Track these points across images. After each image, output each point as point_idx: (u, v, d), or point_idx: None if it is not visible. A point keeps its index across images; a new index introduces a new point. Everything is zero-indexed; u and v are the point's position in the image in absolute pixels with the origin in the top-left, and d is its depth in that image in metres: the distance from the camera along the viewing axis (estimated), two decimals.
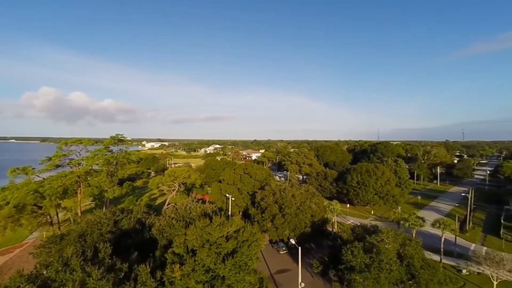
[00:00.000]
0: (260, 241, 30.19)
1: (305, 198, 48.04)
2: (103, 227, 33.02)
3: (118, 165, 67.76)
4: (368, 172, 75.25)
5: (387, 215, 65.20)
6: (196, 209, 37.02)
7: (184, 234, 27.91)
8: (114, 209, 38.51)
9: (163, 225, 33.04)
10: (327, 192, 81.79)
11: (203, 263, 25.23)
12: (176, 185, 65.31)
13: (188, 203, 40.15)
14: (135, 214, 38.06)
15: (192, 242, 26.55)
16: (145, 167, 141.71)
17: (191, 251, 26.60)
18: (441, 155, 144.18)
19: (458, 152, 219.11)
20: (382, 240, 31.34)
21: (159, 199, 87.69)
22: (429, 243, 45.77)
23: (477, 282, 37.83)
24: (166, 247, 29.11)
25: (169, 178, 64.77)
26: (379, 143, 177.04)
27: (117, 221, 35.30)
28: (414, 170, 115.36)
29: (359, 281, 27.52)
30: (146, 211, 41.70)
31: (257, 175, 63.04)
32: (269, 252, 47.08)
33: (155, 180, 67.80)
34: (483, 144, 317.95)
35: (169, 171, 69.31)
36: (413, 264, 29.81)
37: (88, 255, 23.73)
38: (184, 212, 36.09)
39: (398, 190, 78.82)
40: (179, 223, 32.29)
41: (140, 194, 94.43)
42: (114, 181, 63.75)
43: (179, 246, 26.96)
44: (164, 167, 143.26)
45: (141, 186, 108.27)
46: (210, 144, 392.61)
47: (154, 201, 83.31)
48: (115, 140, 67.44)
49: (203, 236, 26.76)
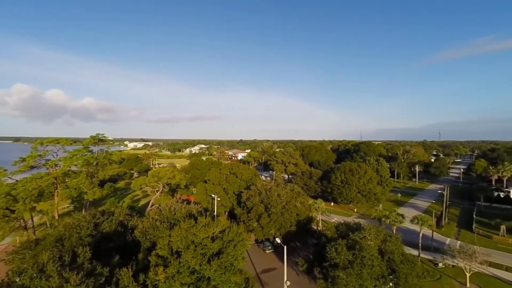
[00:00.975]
0: (246, 241, 30.18)
1: (290, 197, 48.54)
2: (83, 231, 31.72)
3: (99, 166, 65.25)
4: (351, 171, 77.26)
5: (369, 212, 67.23)
6: (180, 210, 36.37)
7: (169, 236, 27.39)
8: (94, 212, 37.07)
9: (147, 227, 32.21)
10: (312, 191, 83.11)
11: (188, 265, 24.88)
12: (160, 186, 63.93)
13: (173, 204, 39.31)
14: (116, 216, 36.83)
15: (177, 243, 26.10)
16: (127, 167, 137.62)
17: (176, 253, 26.15)
18: (419, 154, 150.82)
19: (435, 152, 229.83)
20: (365, 237, 32.29)
21: (142, 200, 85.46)
22: (408, 239, 47.68)
23: (452, 274, 39.89)
24: (149, 250, 28.44)
25: (153, 178, 63.30)
26: (362, 143, 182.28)
27: (98, 224, 34.01)
28: (394, 169, 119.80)
29: (343, 277, 28.18)
30: (129, 213, 40.46)
31: (243, 175, 62.96)
32: (255, 252, 47.18)
33: (138, 181, 66.06)
34: (458, 144, 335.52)
35: (152, 171, 67.74)
36: (394, 259, 30.95)
37: (66, 260, 22.70)
38: (168, 213, 35.35)
39: (380, 188, 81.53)
40: (163, 224, 31.61)
41: (122, 195, 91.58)
42: (94, 182, 61.40)
43: (163, 248, 26.43)
44: (148, 167, 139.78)
45: (123, 188, 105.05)
46: (195, 144, 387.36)
47: (137, 203, 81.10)
48: (95, 140, 64.90)
49: (188, 237, 26.37)
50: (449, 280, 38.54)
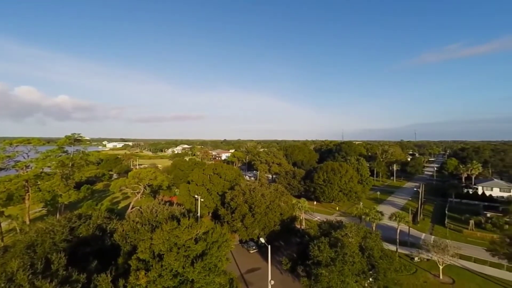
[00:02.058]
0: (230, 242, 30.01)
1: (274, 197, 48.89)
2: (57, 236, 30.05)
3: (75, 167, 62.17)
4: (333, 170, 79.19)
5: (350, 210, 69.22)
6: (163, 211, 35.51)
7: (150, 239, 26.62)
8: (70, 215, 35.27)
9: (127, 230, 31.12)
10: (295, 191, 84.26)
11: (171, 268, 24.33)
12: (141, 187, 62.01)
13: (154, 205, 38.28)
14: (94, 219, 35.28)
15: (159, 246, 25.43)
16: (106, 168, 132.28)
17: (158, 256, 25.47)
18: (397, 154, 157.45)
19: (411, 151, 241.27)
20: (346, 234, 33.19)
21: (122, 202, 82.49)
22: (387, 235, 49.64)
23: (426, 267, 42.03)
24: (130, 253, 27.50)
25: (133, 180, 61.25)
26: (343, 142, 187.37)
27: (74, 228, 32.39)
28: (374, 168, 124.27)
29: (325, 274, 28.79)
30: (107, 216, 38.88)
31: (227, 175, 62.57)
32: (239, 252, 47.05)
33: (117, 183, 63.61)
34: (432, 144, 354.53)
35: (133, 172, 65.56)
36: (373, 255, 32.08)
37: (39, 267, 21.39)
38: (149, 215, 34.38)
39: (360, 187, 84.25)
40: (145, 227, 30.69)
41: (101, 198, 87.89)
42: (69, 184, 58.44)
43: (145, 252, 25.65)
44: (128, 168, 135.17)
45: (101, 190, 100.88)
46: (178, 144, 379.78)
47: (117, 205, 78.18)
48: (70, 140, 61.80)
49: (171, 239, 25.79)
50: (424, 273, 40.57)
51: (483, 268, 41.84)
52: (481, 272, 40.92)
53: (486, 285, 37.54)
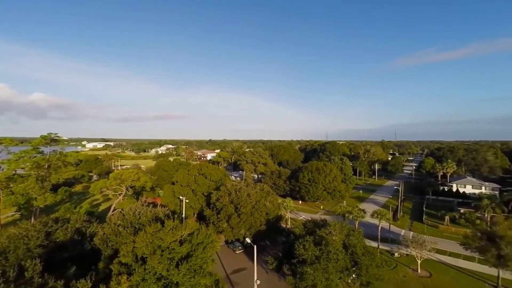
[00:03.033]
0: (215, 243, 29.79)
1: (260, 197, 49.03)
2: (31, 241, 28.50)
3: (51, 169, 59.23)
4: (318, 170, 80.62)
5: (334, 209, 70.78)
6: (146, 213, 34.61)
7: (133, 242, 25.90)
8: (46, 220, 33.58)
9: (108, 233, 30.07)
10: (281, 190, 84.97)
11: (155, 271, 23.79)
12: (123, 188, 60.11)
13: (137, 207, 37.21)
14: (73, 223, 33.81)
15: (142, 249, 24.80)
16: (85, 170, 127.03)
17: (141, 259, 24.83)
18: (378, 154, 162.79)
19: (391, 151, 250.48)
20: (330, 232, 33.91)
21: (103, 205, 79.57)
22: (369, 232, 51.22)
23: (406, 262, 43.80)
24: (111, 258, 26.63)
25: (115, 181, 59.27)
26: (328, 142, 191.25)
27: (50, 233, 30.88)
28: (356, 167, 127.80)
29: (310, 272, 29.28)
30: (87, 219, 37.40)
31: (212, 175, 62.01)
32: (225, 253, 46.79)
33: (98, 184, 61.28)
34: (411, 144, 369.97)
35: (114, 173, 63.44)
36: (356, 252, 33.00)
37: (11, 275, 20.18)
38: (132, 217, 33.40)
39: (344, 185, 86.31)
40: (127, 230, 29.80)
41: (80, 200, 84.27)
42: (45, 187, 55.62)
43: (127, 255, 24.92)
44: (109, 169, 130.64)
45: (80, 192, 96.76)
46: (162, 144, 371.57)
47: (97, 208, 75.29)
48: (46, 140, 58.79)
49: (154, 242, 25.21)
50: (404, 268, 42.27)
51: (457, 261, 44.22)
52: (455, 265, 43.24)
53: (460, 277, 39.70)
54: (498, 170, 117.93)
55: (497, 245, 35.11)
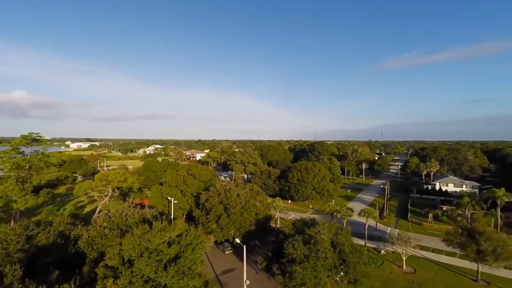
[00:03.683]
0: (204, 244, 29.55)
1: (249, 197, 49.04)
2: (11, 246, 27.36)
3: (32, 170, 56.95)
4: (307, 169, 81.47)
5: (323, 208, 71.74)
6: (133, 215, 33.92)
7: (119, 244, 25.32)
8: (26, 223, 32.34)
9: (93, 236, 29.28)
10: (270, 190, 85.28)
11: (142, 273, 23.35)
12: (109, 190, 58.64)
13: (124, 209, 36.40)
14: (55, 226, 32.70)
15: (129, 251, 24.27)
16: (69, 171, 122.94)
17: (128, 262, 24.31)
18: (365, 153, 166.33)
19: (378, 150, 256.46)
20: (319, 231, 34.34)
21: (88, 206, 77.26)
22: (357, 230, 52.21)
23: (391, 259, 44.97)
24: (96, 261, 25.94)
25: (101, 182, 57.74)
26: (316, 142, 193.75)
27: (31, 237, 29.75)
28: (344, 167, 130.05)
29: (299, 271, 29.56)
30: (71, 222, 36.26)
31: (202, 175, 61.51)
32: (214, 254, 46.50)
33: (82, 186, 59.52)
34: (396, 144, 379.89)
35: (100, 174, 61.80)
36: (344, 250, 33.60)
37: None
38: (119, 219, 32.65)
39: (332, 185, 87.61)
40: (113, 232, 29.11)
41: (63, 202, 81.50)
42: (26, 189, 53.49)
43: (113, 258, 24.34)
44: (95, 170, 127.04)
45: (64, 193, 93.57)
46: (150, 144, 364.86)
47: (82, 210, 73.06)
48: (27, 139, 56.48)
49: (142, 244, 24.74)
50: (390, 264, 43.39)
51: (439, 257, 45.83)
52: (438, 260, 44.80)
53: (442, 272, 41.16)
54: (477, 169, 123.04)
55: (477, 240, 36.68)
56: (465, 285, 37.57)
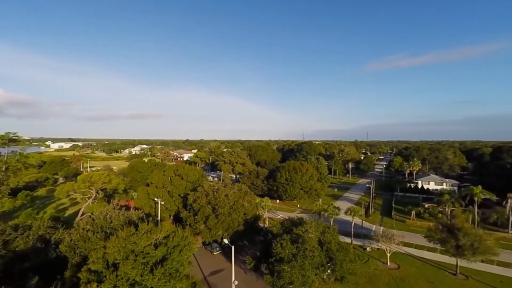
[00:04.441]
0: (192, 245, 29.23)
1: (238, 197, 48.95)
2: None
3: (9, 171, 54.45)
4: (295, 169, 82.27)
5: (311, 207, 72.73)
6: (118, 217, 33.05)
7: (103, 247, 24.61)
8: (3, 227, 30.84)
9: (76, 239, 28.30)
10: (259, 190, 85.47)
11: (127, 277, 22.80)
12: (92, 191, 56.86)
13: (109, 211, 35.38)
14: (35, 230, 31.37)
15: (114, 255, 23.63)
16: (50, 172, 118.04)
17: (112, 266, 23.67)
18: (351, 153, 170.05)
19: (364, 150, 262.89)
20: (307, 230, 34.81)
21: (70, 209, 74.53)
22: (343, 228, 53.30)
23: (376, 256, 46.22)
24: (79, 265, 25.08)
25: (84, 184, 55.89)
26: (304, 142, 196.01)
27: (8, 242, 28.39)
28: (331, 166, 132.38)
29: (287, 270, 29.82)
30: (52, 225, 34.91)
31: (189, 176, 60.79)
32: (202, 255, 46.09)
33: (64, 187, 57.36)
34: (381, 143, 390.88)
35: (83, 175, 59.81)
36: (331, 248, 34.21)
37: None
38: (103, 222, 31.71)
39: (320, 184, 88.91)
40: (97, 235, 28.27)
41: (44, 205, 78.19)
42: (2, 191, 51.10)
43: (97, 262, 23.63)
44: (77, 171, 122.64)
45: (44, 196, 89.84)
46: (135, 144, 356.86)
47: (63, 213, 70.35)
48: (4, 139, 53.94)
49: (127, 246, 24.16)
50: (375, 261, 44.58)
51: (422, 253, 47.57)
52: (420, 256, 46.49)
53: (424, 267, 42.74)
54: (456, 167, 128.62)
55: (456, 236, 38.35)
56: (445, 279, 39.19)
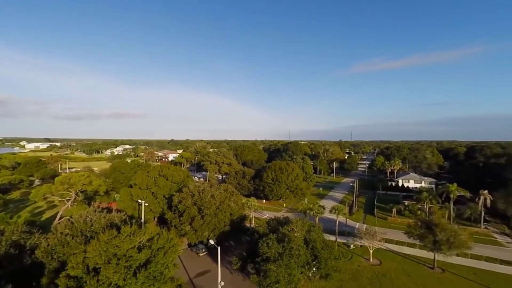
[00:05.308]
0: (177, 246, 28.79)
1: (224, 198, 48.68)
2: None
3: None
4: (281, 169, 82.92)
5: (297, 206, 73.58)
6: (99, 220, 31.90)
7: (83, 252, 23.69)
8: None
9: (53, 244, 27.04)
10: (245, 190, 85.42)
11: (109, 282, 22.09)
12: (71, 194, 54.54)
13: (89, 214, 34.07)
14: (8, 235, 29.69)
15: (95, 259, 22.81)
16: (25, 174, 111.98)
17: (93, 270, 22.84)
18: (336, 153, 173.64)
19: (348, 150, 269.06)
20: (292, 229, 35.22)
21: (47, 213, 71.10)
22: (328, 227, 54.37)
23: (360, 253, 47.54)
24: (57, 271, 24.02)
25: (62, 186, 53.49)
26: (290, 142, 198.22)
27: None
28: (317, 166, 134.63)
29: (274, 269, 30.02)
30: (27, 230, 33.17)
31: (174, 177, 59.74)
32: (187, 256, 45.45)
33: (40, 190, 54.69)
34: (364, 143, 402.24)
35: (61, 177, 57.21)
36: (316, 246, 34.81)
37: None
38: (83, 225, 30.50)
39: (305, 184, 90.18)
40: (76, 239, 27.15)
41: (18, 209, 74.15)
42: None
43: (76, 267, 22.71)
44: (55, 173, 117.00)
45: (19, 199, 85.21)
46: (118, 144, 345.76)
47: (40, 216, 66.99)
48: None
49: (109, 250, 23.39)
50: (358, 258, 45.83)
51: (402, 249, 49.44)
52: (400, 252, 48.31)
53: (404, 262, 44.47)
54: (434, 166, 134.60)
55: (433, 232, 40.18)
56: (423, 273, 40.97)
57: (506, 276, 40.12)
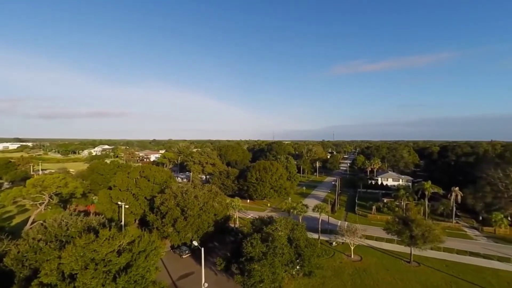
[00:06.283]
0: (160, 249, 28.15)
1: (208, 198, 48.16)
2: None
3: None
4: (265, 169, 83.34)
5: (280, 205, 74.02)
6: (76, 224, 30.45)
7: (58, 257, 22.52)
8: None
9: (24, 251, 25.46)
10: (229, 190, 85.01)
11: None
12: (45, 197, 51.63)
13: (64, 217, 32.42)
14: None
15: (70, 265, 21.76)
16: None
17: (69, 277, 21.77)
18: (319, 152, 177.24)
19: (330, 150, 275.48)
20: (276, 228, 35.48)
21: (17, 217, 66.80)
22: (311, 225, 55.28)
23: (341, 249, 48.82)
24: (29, 279, 22.63)
25: (34, 189, 50.53)
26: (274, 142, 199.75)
27: None
28: (300, 165, 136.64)
29: (258, 269, 30.12)
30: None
31: (156, 177, 58.27)
32: (171, 259, 44.50)
33: (10, 193, 51.34)
34: (346, 143, 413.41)
35: (34, 180, 54.05)
36: (300, 245, 35.30)
37: None
38: (57, 230, 28.97)
39: (289, 183, 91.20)
40: (50, 244, 25.75)
41: None
42: None
43: (50, 274, 21.54)
44: (26, 175, 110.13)
45: None
46: (96, 144, 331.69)
47: (9, 222, 62.76)
48: None
49: (86, 255, 22.41)
50: (340, 255, 47.05)
51: (381, 244, 51.38)
52: (380, 247, 50.18)
53: (383, 257, 46.23)
54: (411, 165, 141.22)
55: (410, 227, 42.11)
56: (400, 267, 42.81)
57: (474, 267, 42.90)
